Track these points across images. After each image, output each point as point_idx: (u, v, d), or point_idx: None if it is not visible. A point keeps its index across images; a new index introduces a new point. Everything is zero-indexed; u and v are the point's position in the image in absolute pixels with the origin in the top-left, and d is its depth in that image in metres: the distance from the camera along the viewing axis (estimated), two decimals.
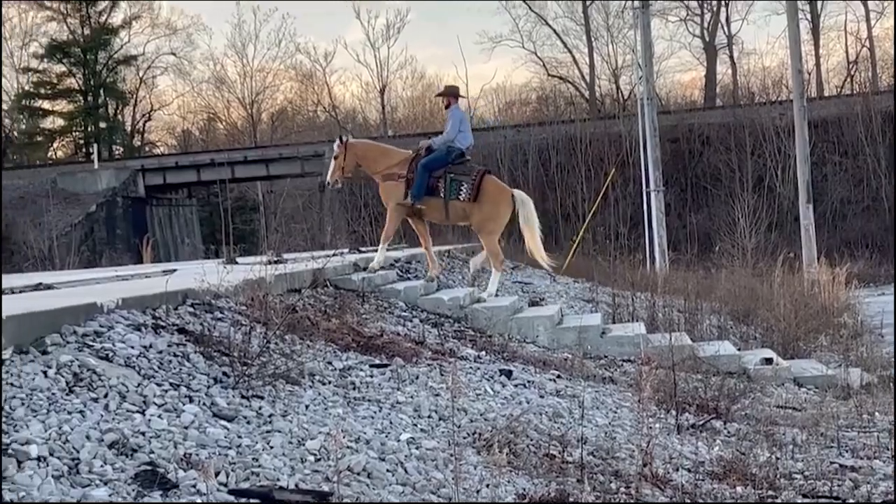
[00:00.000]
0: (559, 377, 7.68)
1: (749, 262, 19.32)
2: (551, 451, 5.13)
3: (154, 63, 55.45)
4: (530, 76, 55.58)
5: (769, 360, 9.91)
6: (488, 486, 4.41)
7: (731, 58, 50.81)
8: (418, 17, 77.98)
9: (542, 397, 6.72)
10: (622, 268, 15.70)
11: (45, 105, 53.74)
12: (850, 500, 5.08)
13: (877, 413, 7.71)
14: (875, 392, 9.06)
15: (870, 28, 48.27)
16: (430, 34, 76.08)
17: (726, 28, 51.05)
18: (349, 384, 5.78)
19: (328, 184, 11.04)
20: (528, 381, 7.15)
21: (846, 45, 50.00)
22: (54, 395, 4.15)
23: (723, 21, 50.96)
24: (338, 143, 10.67)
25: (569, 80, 51.68)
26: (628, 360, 9.31)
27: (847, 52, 49.87)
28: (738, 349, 10.77)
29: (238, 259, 12.45)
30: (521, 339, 9.60)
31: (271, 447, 4.24)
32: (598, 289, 14.68)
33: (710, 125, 39.40)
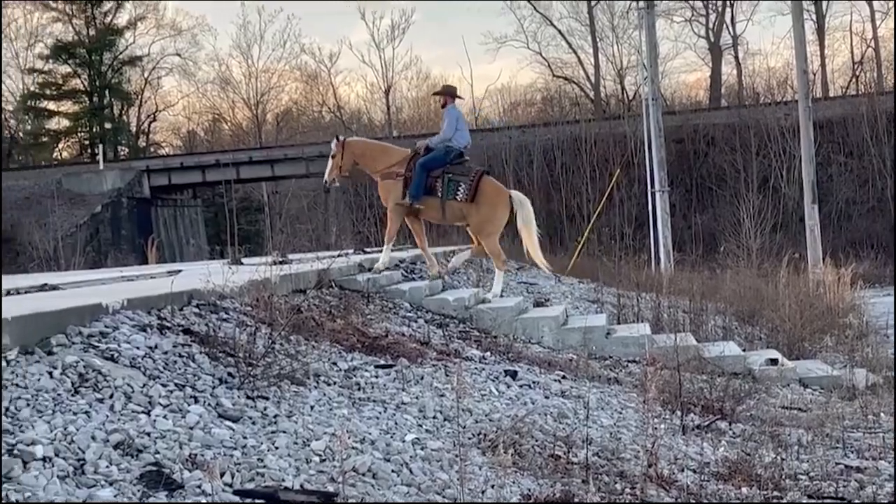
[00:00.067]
0: (564, 378, 7.67)
1: (754, 263, 19.33)
2: (556, 452, 5.13)
3: (159, 64, 55.74)
4: (535, 77, 55.85)
5: (774, 361, 9.90)
6: (493, 486, 4.41)
7: (736, 58, 50.88)
8: (423, 17, 78.18)
9: (547, 398, 6.71)
10: (627, 268, 15.67)
11: (51, 106, 53.86)
12: (856, 501, 5.07)
13: (882, 414, 7.69)
14: (880, 393, 9.04)
15: (875, 28, 48.28)
16: (435, 35, 76.22)
17: (731, 28, 51.14)
18: (354, 385, 5.78)
19: (325, 183, 11.03)
20: (533, 382, 7.14)
21: (851, 45, 50.06)
22: (60, 395, 4.15)
23: (728, 21, 51.03)
24: (335, 141, 10.59)
25: (574, 81, 51.75)
26: (633, 361, 9.29)
27: (852, 52, 49.92)
28: (744, 350, 10.75)
29: (243, 260, 12.47)
30: (526, 339, 9.57)
31: (276, 448, 4.24)
32: (603, 289, 14.64)
33: (715, 125, 39.43)
